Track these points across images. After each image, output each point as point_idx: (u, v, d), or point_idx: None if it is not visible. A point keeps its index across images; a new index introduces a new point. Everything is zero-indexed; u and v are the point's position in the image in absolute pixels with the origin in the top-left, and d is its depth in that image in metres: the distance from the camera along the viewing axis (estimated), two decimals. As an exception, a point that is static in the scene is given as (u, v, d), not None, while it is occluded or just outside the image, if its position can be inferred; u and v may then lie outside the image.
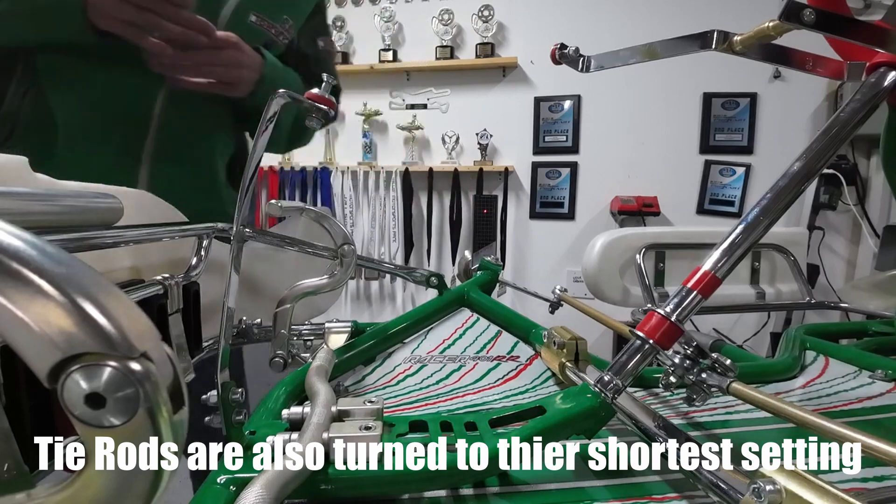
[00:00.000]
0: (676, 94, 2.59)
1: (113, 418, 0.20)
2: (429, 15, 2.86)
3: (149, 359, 0.20)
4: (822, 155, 0.51)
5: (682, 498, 0.40)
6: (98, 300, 0.20)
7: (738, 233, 0.48)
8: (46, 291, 0.19)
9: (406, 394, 0.63)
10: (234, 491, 0.36)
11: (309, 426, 0.39)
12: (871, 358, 0.70)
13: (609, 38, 1.28)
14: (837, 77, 0.67)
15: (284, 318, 0.66)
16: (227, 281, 0.47)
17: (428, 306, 0.77)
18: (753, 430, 0.53)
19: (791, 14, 0.47)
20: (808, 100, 2.43)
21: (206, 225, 0.76)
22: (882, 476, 0.42)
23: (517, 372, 0.68)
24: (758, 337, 2.38)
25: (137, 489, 0.21)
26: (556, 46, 0.76)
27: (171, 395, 0.21)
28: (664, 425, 0.42)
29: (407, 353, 0.72)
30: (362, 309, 3.08)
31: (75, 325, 0.19)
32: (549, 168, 2.82)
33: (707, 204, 2.61)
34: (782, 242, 1.21)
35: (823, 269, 2.36)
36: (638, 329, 0.44)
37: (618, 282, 1.21)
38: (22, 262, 0.19)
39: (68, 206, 0.55)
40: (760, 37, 0.59)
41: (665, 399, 0.61)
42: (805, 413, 0.36)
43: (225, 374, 0.42)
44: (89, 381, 0.19)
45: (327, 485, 0.37)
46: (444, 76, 2.92)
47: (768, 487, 0.28)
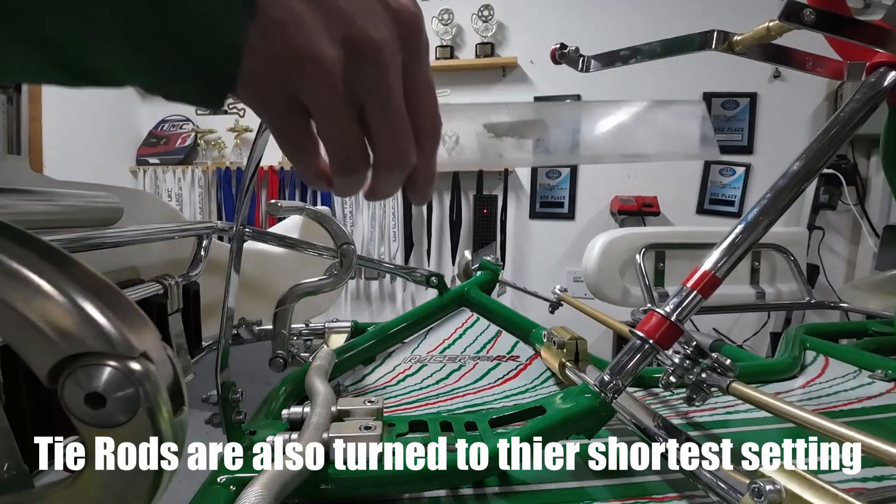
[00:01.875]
0: (676, 94, 2.59)
1: (113, 418, 0.20)
2: (429, 15, 2.86)
3: (149, 359, 0.20)
4: (822, 155, 0.51)
5: (682, 498, 0.40)
6: (98, 300, 0.20)
7: (737, 233, 0.48)
8: (46, 291, 0.19)
9: (406, 394, 0.63)
10: (234, 491, 0.36)
11: (309, 426, 0.39)
12: (870, 358, 0.70)
13: (609, 38, 1.28)
14: (837, 77, 0.67)
15: (284, 318, 0.66)
16: (226, 281, 0.47)
17: (428, 306, 0.77)
18: (753, 430, 0.53)
19: (791, 14, 0.47)
20: (808, 100, 2.42)
21: (206, 225, 0.76)
22: (882, 476, 0.42)
23: (517, 372, 0.68)
24: (758, 337, 2.38)
25: (137, 489, 0.21)
26: (556, 46, 0.76)
27: (171, 394, 0.21)
28: (664, 425, 0.42)
29: (407, 353, 0.72)
30: (362, 309, 3.08)
31: (75, 324, 0.19)
32: (549, 168, 2.82)
33: (707, 204, 2.61)
34: (782, 242, 1.21)
35: (823, 269, 2.36)
36: (638, 329, 0.44)
37: (618, 282, 1.21)
38: (22, 262, 0.19)
39: (68, 206, 0.55)
40: (760, 37, 0.59)
41: (665, 399, 0.61)
42: (805, 413, 0.36)
43: (225, 374, 0.42)
44: (89, 381, 0.19)
45: (327, 485, 0.37)
46: (444, 76, 2.91)
47: (768, 487, 0.28)
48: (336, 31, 0.20)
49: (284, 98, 0.21)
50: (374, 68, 0.21)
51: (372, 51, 0.21)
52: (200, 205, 2.86)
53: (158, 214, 0.80)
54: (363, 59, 0.21)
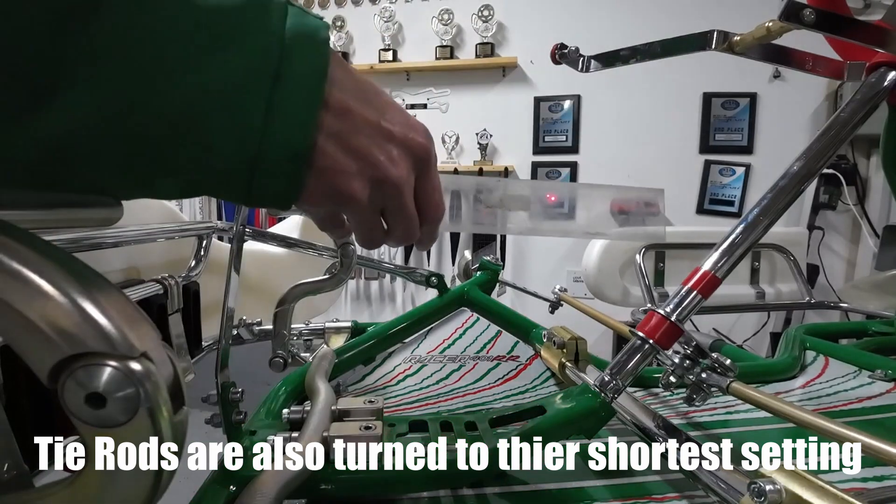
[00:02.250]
0: (676, 93, 2.59)
1: (113, 418, 0.20)
2: (429, 15, 2.86)
3: (149, 359, 0.20)
4: (822, 155, 0.51)
5: (682, 498, 0.40)
6: (98, 300, 0.20)
7: (737, 233, 0.48)
8: (47, 291, 0.19)
9: (406, 394, 0.63)
10: (234, 491, 0.36)
11: (309, 426, 0.39)
12: (870, 358, 0.70)
13: (609, 38, 1.28)
14: (837, 77, 0.67)
15: (284, 318, 0.66)
16: (226, 281, 0.47)
17: (428, 306, 0.77)
18: (753, 430, 0.53)
19: (791, 14, 0.47)
20: (808, 100, 2.42)
21: (206, 225, 0.76)
22: (882, 476, 0.42)
23: (517, 372, 0.68)
24: (758, 337, 2.38)
25: (138, 489, 0.21)
26: (555, 46, 0.76)
27: (171, 394, 0.21)
28: (664, 425, 0.42)
29: (407, 353, 0.72)
30: (362, 309, 3.08)
31: (76, 325, 0.19)
32: (549, 168, 2.82)
33: (707, 204, 2.60)
34: (782, 242, 1.21)
35: (823, 269, 2.36)
36: (638, 329, 0.44)
37: (618, 282, 1.22)
38: (22, 261, 0.19)
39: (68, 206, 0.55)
40: (760, 37, 0.59)
41: (665, 399, 0.61)
42: (805, 413, 0.36)
43: (225, 374, 0.42)
44: (90, 381, 0.19)
45: (327, 485, 0.37)
46: (444, 76, 2.91)
47: (768, 487, 0.28)
48: (366, 173, 0.29)
49: (328, 211, 0.32)
50: (393, 192, 0.31)
51: (392, 186, 0.30)
52: (200, 205, 2.86)
53: (158, 215, 0.80)
54: (385, 190, 0.31)
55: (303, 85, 0.26)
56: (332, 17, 3.00)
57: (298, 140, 0.27)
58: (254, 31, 0.25)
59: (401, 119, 0.31)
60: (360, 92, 0.30)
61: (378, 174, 0.30)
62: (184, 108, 0.24)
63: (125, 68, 0.23)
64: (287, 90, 0.26)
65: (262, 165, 0.26)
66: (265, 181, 0.26)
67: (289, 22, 0.26)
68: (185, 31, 0.23)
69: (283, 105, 0.26)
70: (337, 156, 0.28)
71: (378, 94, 0.31)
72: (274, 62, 0.25)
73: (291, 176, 0.27)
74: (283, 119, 0.26)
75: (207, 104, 0.24)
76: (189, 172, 0.26)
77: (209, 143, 0.25)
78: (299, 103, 0.26)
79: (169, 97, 0.24)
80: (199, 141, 0.25)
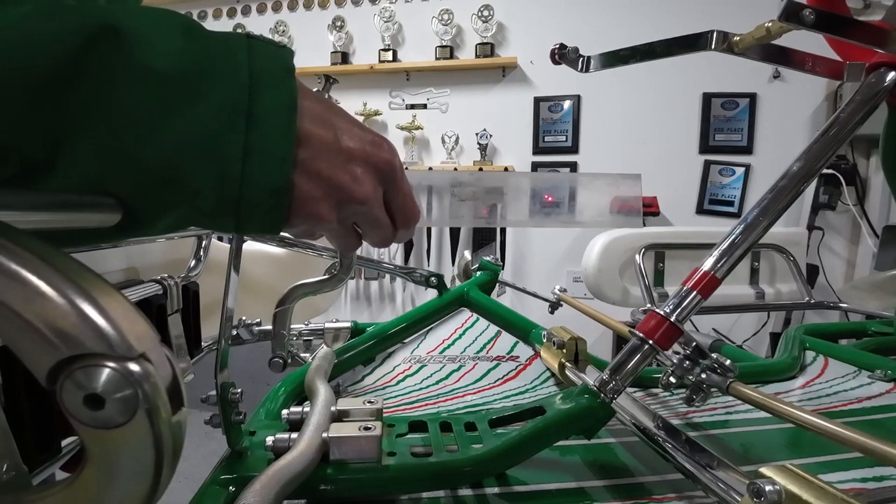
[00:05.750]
0: (676, 94, 2.59)
1: (112, 419, 0.20)
2: (429, 15, 2.86)
3: (147, 360, 0.20)
4: (822, 155, 0.51)
5: (682, 498, 0.40)
6: (97, 301, 0.20)
7: (737, 233, 0.48)
8: (45, 293, 0.19)
9: (406, 394, 0.63)
10: (234, 491, 0.35)
11: (308, 426, 0.39)
12: (870, 358, 0.70)
13: (609, 38, 1.28)
14: (837, 77, 0.67)
15: (284, 318, 0.66)
16: (226, 281, 0.47)
17: (428, 306, 0.77)
18: (753, 431, 0.53)
19: (791, 14, 0.47)
20: (808, 100, 2.42)
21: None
22: (882, 476, 0.42)
23: (517, 372, 0.68)
24: (757, 337, 2.38)
25: (136, 490, 0.21)
26: (555, 46, 0.76)
27: (170, 395, 0.21)
28: (664, 426, 0.42)
29: (407, 354, 0.72)
30: (362, 309, 3.08)
31: (74, 326, 0.19)
32: (549, 168, 2.82)
33: (707, 204, 2.60)
34: (782, 242, 1.21)
35: (823, 269, 2.36)
36: (637, 329, 0.44)
37: (618, 282, 1.22)
38: (21, 263, 0.19)
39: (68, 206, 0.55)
40: (760, 37, 0.59)
41: (664, 399, 0.61)
42: (805, 413, 0.36)
43: (224, 374, 0.42)
44: (88, 383, 0.19)
45: (327, 485, 0.37)
46: (444, 76, 2.91)
47: (768, 487, 0.28)
48: (333, 195, 0.31)
49: (306, 230, 0.34)
50: (361, 209, 0.33)
51: (359, 204, 0.33)
52: (200, 205, 2.86)
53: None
54: (353, 208, 0.33)
55: (275, 123, 0.28)
56: (332, 17, 3.00)
57: (277, 177, 0.28)
58: (220, 80, 0.27)
59: (361, 137, 0.33)
60: (320, 117, 0.31)
61: (343, 195, 0.32)
62: (164, 161, 0.26)
63: (103, 131, 0.25)
64: (260, 130, 0.27)
65: (246, 204, 0.28)
66: (251, 216, 0.29)
67: (253, 59, 0.28)
68: (152, 94, 0.25)
69: (259, 145, 0.27)
70: (304, 184, 0.30)
71: (337, 116, 0.32)
72: (244, 103, 0.27)
73: (274, 210, 0.29)
74: (261, 160, 0.28)
75: (186, 155, 0.26)
76: (181, 216, 0.28)
77: (195, 189, 0.27)
78: (275, 142, 0.28)
79: (148, 153, 0.26)
80: (186, 188, 0.27)
